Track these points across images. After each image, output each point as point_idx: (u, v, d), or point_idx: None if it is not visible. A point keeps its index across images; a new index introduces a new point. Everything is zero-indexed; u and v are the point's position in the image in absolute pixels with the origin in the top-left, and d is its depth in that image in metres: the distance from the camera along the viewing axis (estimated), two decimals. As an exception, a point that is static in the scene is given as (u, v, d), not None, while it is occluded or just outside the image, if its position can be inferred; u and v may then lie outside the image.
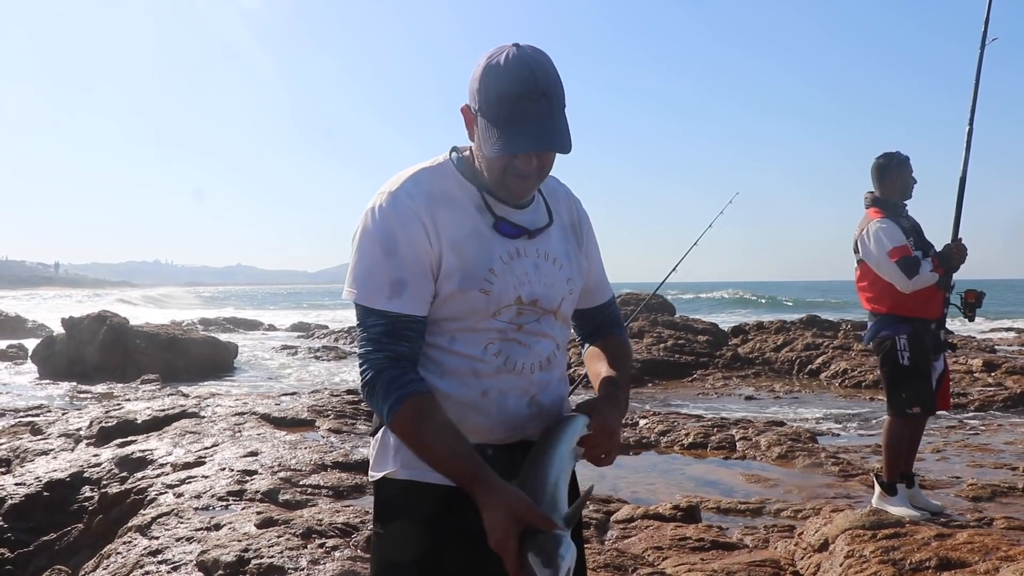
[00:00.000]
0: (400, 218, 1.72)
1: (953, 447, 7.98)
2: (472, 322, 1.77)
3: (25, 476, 6.31)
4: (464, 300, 1.75)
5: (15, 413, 11.73)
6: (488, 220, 1.78)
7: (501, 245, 1.79)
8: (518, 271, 1.79)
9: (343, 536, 4.30)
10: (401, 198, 1.74)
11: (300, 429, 7.56)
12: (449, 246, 1.73)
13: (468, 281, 1.74)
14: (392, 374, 1.68)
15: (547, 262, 1.85)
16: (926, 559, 3.83)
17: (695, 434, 8.31)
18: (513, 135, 1.65)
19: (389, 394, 1.66)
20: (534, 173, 1.73)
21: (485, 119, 1.69)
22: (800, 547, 4.54)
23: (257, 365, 20.40)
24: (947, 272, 4.96)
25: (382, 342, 1.70)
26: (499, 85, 1.66)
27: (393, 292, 1.71)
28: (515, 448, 1.83)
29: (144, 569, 4.13)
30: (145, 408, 8.70)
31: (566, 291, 1.89)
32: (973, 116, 5.08)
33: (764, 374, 15.47)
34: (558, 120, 1.68)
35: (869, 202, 5.16)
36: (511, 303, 1.78)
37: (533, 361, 1.83)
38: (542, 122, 1.66)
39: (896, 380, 4.99)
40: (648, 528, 5.06)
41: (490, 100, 1.68)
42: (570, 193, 2.01)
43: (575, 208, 2.00)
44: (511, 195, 1.77)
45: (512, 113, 1.65)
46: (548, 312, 1.85)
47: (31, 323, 33.43)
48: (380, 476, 1.84)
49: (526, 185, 1.75)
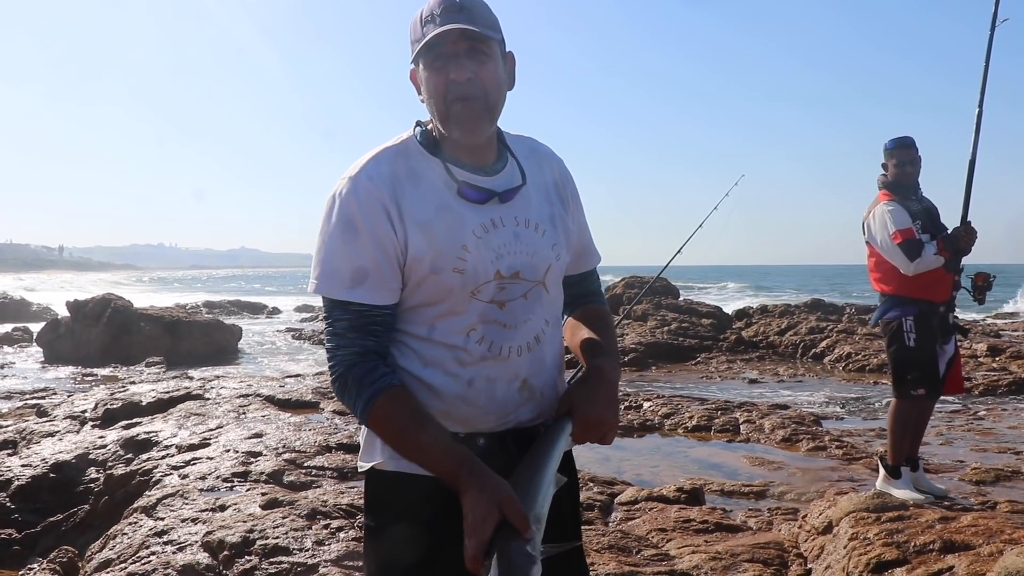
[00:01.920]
0: (360, 203, 1.64)
1: (957, 431, 7.99)
2: (450, 305, 1.68)
3: (31, 458, 6.34)
4: (438, 282, 1.66)
5: (21, 396, 11.79)
6: (452, 188, 1.69)
7: (473, 218, 1.68)
8: (495, 243, 1.69)
9: (347, 517, 4.31)
10: (361, 181, 1.66)
11: (304, 411, 7.58)
12: (416, 227, 1.64)
13: (439, 261, 1.65)
14: (362, 370, 1.62)
15: (528, 229, 1.74)
16: (930, 542, 3.83)
17: (699, 417, 8.32)
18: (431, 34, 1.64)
19: (362, 391, 1.61)
20: (473, 87, 1.64)
21: (416, 56, 1.67)
22: (804, 530, 4.54)
23: (261, 348, 20.46)
24: (955, 255, 4.93)
25: (348, 337, 1.64)
26: (419, 14, 1.66)
27: (354, 281, 1.63)
28: (507, 435, 1.76)
29: (150, 549, 4.15)
30: (150, 390, 8.74)
31: (552, 258, 1.77)
32: (983, 98, 5.04)
33: (768, 358, 15.48)
34: (479, 21, 1.64)
35: (880, 185, 5.16)
36: (490, 279, 1.68)
37: (520, 343, 1.73)
38: (457, 16, 1.63)
39: (902, 361, 4.97)
40: (652, 510, 5.07)
41: (415, 33, 1.67)
42: (553, 154, 1.91)
43: (558, 168, 1.89)
44: (463, 130, 1.66)
45: (432, 24, 1.64)
46: (534, 283, 1.74)
47: (36, 306, 33.47)
48: (369, 467, 1.77)
49: (471, 109, 1.65)
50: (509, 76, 1.75)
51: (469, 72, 1.63)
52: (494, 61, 1.67)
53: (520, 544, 1.48)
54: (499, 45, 1.70)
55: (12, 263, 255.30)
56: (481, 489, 1.51)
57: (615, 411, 1.75)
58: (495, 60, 1.67)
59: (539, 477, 1.61)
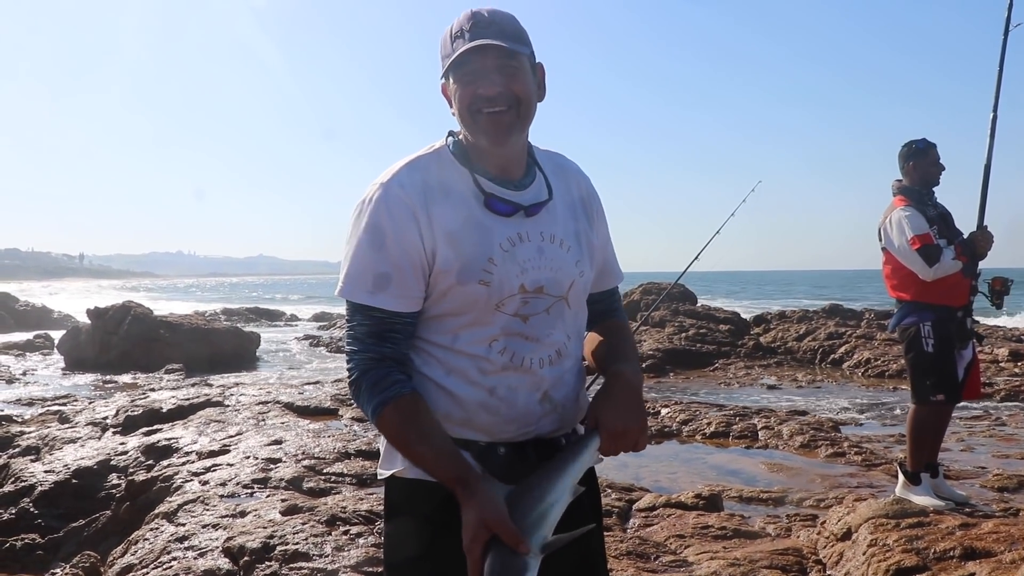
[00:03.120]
0: (390, 211, 1.66)
1: (978, 437, 7.92)
2: (474, 316, 1.70)
3: (54, 464, 6.41)
4: (464, 293, 1.68)
5: (43, 402, 11.90)
6: (480, 199, 1.71)
7: (501, 231, 1.70)
8: (520, 257, 1.71)
9: (367, 523, 4.33)
10: (393, 189, 1.68)
11: (323, 418, 7.62)
12: (445, 238, 1.66)
13: (466, 274, 1.66)
14: (376, 375, 1.65)
15: (552, 245, 1.76)
16: (950, 548, 3.81)
17: (717, 423, 8.30)
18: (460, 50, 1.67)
19: (373, 396, 1.64)
20: (503, 100, 1.67)
21: (447, 71, 1.70)
22: (823, 536, 4.53)
23: (280, 355, 20.55)
24: (972, 260, 4.91)
25: (366, 343, 1.67)
26: (449, 30, 1.70)
27: (376, 286, 1.66)
28: (527, 446, 1.77)
29: (171, 555, 4.19)
30: (170, 397, 8.81)
31: (575, 274, 1.79)
32: (997, 103, 5.03)
33: (786, 363, 15.40)
34: (508, 36, 1.68)
35: (895, 190, 5.14)
36: (514, 292, 1.70)
37: (542, 356, 1.75)
38: (486, 31, 1.66)
39: (920, 367, 4.95)
40: (670, 516, 5.07)
41: (445, 48, 1.70)
42: (581, 171, 1.93)
43: (585, 185, 1.91)
44: (491, 140, 1.69)
45: (462, 40, 1.67)
46: (557, 298, 1.76)
47: (57, 314, 33.80)
48: (389, 475, 1.79)
49: (500, 123, 1.67)
50: (539, 87, 1.77)
51: (499, 86, 1.66)
52: (524, 73, 1.70)
53: (511, 559, 1.50)
54: (528, 58, 1.72)
55: (34, 271, 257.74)
56: (471, 507, 1.54)
57: (640, 417, 1.73)
58: (524, 72, 1.70)
59: (549, 487, 1.61)
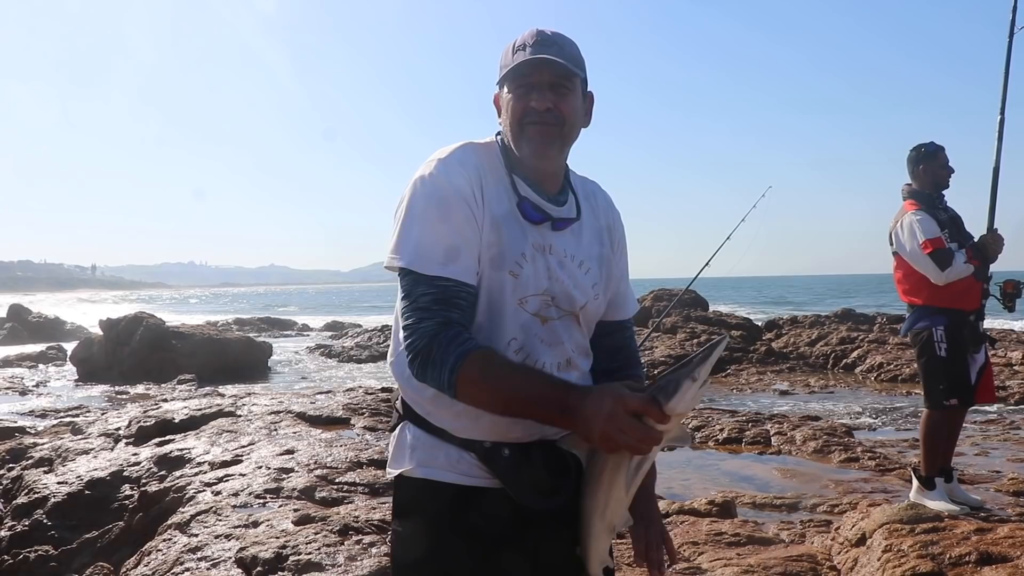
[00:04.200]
0: (452, 184, 1.69)
1: (993, 441, 7.87)
2: (497, 308, 1.72)
3: (67, 475, 6.43)
4: (492, 279, 1.71)
5: (56, 414, 11.95)
6: (514, 200, 1.75)
7: (531, 235, 1.75)
8: (541, 266, 1.75)
9: (379, 532, 4.33)
10: (453, 165, 1.72)
11: (335, 427, 7.62)
12: (491, 221, 1.71)
13: (501, 260, 1.70)
14: (448, 335, 1.60)
15: (573, 263, 1.81)
16: (966, 553, 3.78)
17: (730, 429, 8.27)
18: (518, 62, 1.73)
19: (448, 354, 1.58)
20: (552, 116, 1.72)
21: (503, 80, 1.76)
22: (837, 542, 4.50)
23: (292, 365, 20.59)
24: (984, 263, 4.89)
25: (432, 310, 1.63)
26: (512, 43, 1.76)
27: (448, 258, 1.65)
28: (533, 447, 1.76)
29: (184, 566, 4.19)
30: (182, 407, 8.82)
31: (591, 295, 1.83)
32: (1004, 106, 5.03)
33: (799, 369, 15.34)
34: (567, 56, 1.73)
35: (905, 194, 5.13)
36: (539, 292, 1.74)
37: (556, 360, 1.78)
38: (548, 49, 1.72)
39: (933, 372, 4.93)
40: (684, 523, 5.04)
41: (506, 59, 1.76)
42: (611, 202, 1.98)
43: (613, 216, 1.96)
44: (533, 150, 1.73)
45: (522, 52, 1.73)
46: (568, 313, 1.80)
47: (70, 325, 33.96)
48: (397, 473, 1.80)
49: (546, 136, 1.73)
50: (587, 114, 1.83)
51: (549, 102, 1.72)
52: (575, 95, 1.76)
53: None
54: (582, 83, 1.78)
55: (47, 282, 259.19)
56: (600, 397, 1.52)
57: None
58: (576, 95, 1.76)
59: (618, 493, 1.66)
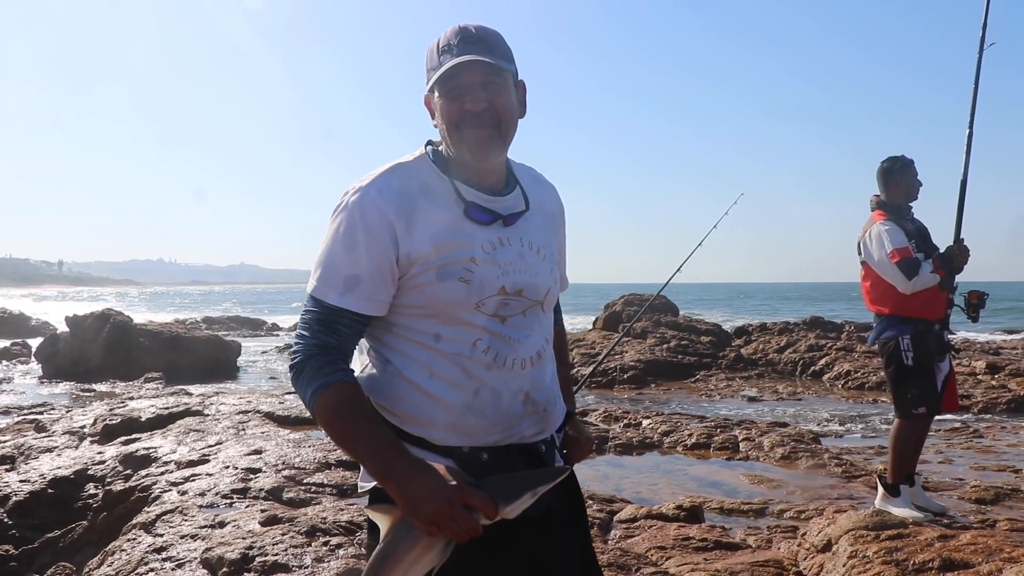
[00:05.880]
0: (364, 215, 1.70)
1: (956, 449, 7.98)
2: (455, 315, 1.73)
3: (30, 473, 6.33)
4: (443, 290, 1.71)
5: (19, 411, 11.76)
6: (460, 207, 1.75)
7: (482, 235, 1.75)
8: (502, 260, 1.76)
9: (347, 534, 4.31)
10: (370, 194, 1.72)
11: (304, 427, 7.57)
12: (424, 240, 1.71)
13: (446, 271, 1.71)
14: (320, 361, 1.67)
15: (531, 251, 1.82)
16: (929, 560, 3.83)
17: (698, 435, 8.32)
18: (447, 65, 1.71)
19: (313, 380, 1.66)
20: (488, 116, 1.71)
21: (432, 84, 1.74)
22: (803, 548, 4.54)
23: (260, 364, 20.43)
24: (949, 274, 4.97)
25: (314, 329, 1.70)
26: (436, 43, 1.74)
27: (347, 288, 1.70)
28: (511, 450, 1.79)
29: (149, 566, 4.14)
30: (149, 406, 8.72)
31: (551, 281, 1.87)
32: (973, 119, 5.11)
33: (767, 375, 15.47)
34: (495, 52, 1.72)
35: (874, 205, 5.20)
36: (494, 293, 1.74)
37: (524, 356, 1.79)
38: (474, 47, 1.71)
39: (901, 380, 4.99)
40: (651, 528, 5.06)
41: (432, 61, 1.74)
42: (552, 185, 2.02)
43: (556, 199, 2.00)
44: (474, 153, 1.73)
45: (449, 55, 1.71)
46: (534, 303, 1.82)
47: (35, 321, 33.43)
48: (371, 486, 1.78)
49: (482, 137, 1.72)
50: (521, 104, 1.82)
51: (484, 102, 1.71)
52: (507, 90, 1.75)
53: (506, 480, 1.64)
54: (512, 75, 1.77)
55: (12, 277, 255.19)
56: (428, 474, 1.58)
57: (590, 442, 2.06)
58: (508, 89, 1.75)
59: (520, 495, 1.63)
